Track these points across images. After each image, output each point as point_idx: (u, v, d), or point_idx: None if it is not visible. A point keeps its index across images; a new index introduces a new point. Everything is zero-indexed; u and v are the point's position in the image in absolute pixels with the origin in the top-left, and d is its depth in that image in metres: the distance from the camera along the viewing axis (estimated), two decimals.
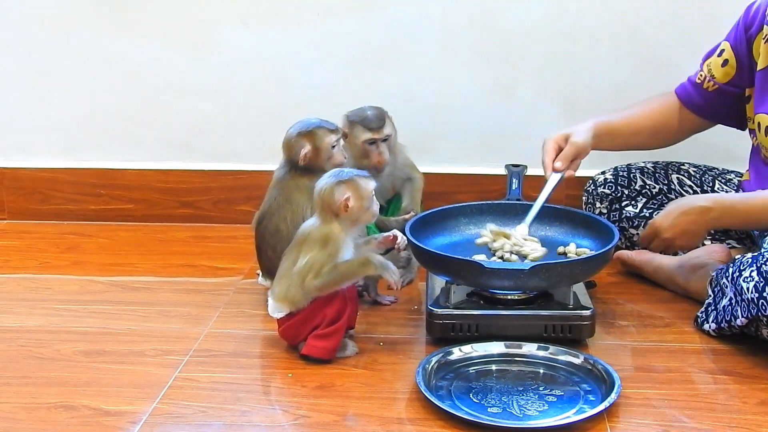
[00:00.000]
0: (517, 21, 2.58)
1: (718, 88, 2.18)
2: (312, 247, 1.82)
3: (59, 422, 1.65)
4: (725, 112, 2.22)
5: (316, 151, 2.05)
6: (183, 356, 1.90)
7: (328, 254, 1.81)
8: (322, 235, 1.82)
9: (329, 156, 2.06)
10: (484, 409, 1.65)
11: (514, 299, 1.94)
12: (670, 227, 2.07)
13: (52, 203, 2.80)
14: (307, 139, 2.05)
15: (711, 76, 2.18)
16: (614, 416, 1.65)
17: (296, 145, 2.05)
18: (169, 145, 2.76)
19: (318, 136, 2.06)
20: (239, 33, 2.66)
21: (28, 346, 1.96)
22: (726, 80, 2.16)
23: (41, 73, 2.74)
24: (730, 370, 1.83)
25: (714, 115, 2.24)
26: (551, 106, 2.62)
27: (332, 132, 2.07)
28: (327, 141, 2.06)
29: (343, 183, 1.81)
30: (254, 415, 1.67)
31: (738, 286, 1.84)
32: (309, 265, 1.81)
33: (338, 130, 2.10)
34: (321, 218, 1.84)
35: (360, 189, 1.82)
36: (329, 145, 2.06)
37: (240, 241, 2.62)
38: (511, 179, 2.27)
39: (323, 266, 1.80)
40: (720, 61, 2.16)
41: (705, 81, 2.20)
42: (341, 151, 2.09)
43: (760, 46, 2.08)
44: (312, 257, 1.81)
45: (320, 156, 2.06)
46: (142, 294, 2.26)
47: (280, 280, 1.86)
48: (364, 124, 2.20)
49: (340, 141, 2.09)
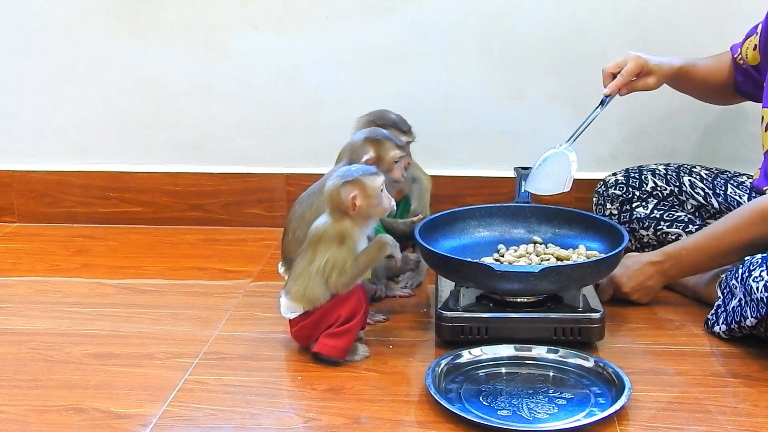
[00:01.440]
0: (526, 23, 2.58)
1: (745, 69, 2.23)
2: (329, 246, 1.82)
3: (69, 425, 1.66)
4: (750, 90, 2.26)
5: (379, 160, 2.01)
6: (193, 359, 1.90)
7: (347, 250, 1.82)
8: (337, 233, 1.82)
9: (389, 169, 2.02)
10: (493, 412, 1.65)
11: (523, 302, 1.94)
12: (628, 282, 2.12)
13: (62, 206, 2.81)
14: (373, 146, 2.02)
15: (745, 55, 2.22)
16: (624, 419, 1.64)
17: (360, 150, 2.02)
18: (178, 148, 2.76)
19: (384, 146, 2.02)
20: (250, 37, 2.66)
21: (38, 348, 1.96)
22: (754, 64, 2.21)
23: (52, 76, 2.74)
24: (740, 373, 1.82)
25: (741, 91, 2.29)
26: (560, 109, 2.62)
27: (399, 148, 2.04)
28: (392, 154, 2.02)
29: (349, 183, 1.82)
30: (264, 418, 1.68)
31: (747, 286, 1.84)
32: (331, 264, 1.81)
33: (406, 148, 2.08)
34: (332, 217, 1.84)
35: (366, 187, 1.82)
36: (393, 159, 2.03)
37: (249, 244, 2.62)
38: (520, 182, 2.27)
39: (345, 263, 1.81)
40: (753, 43, 2.20)
41: (738, 58, 2.25)
42: (401, 169, 2.06)
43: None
44: (332, 255, 1.81)
45: (381, 166, 1.99)
46: (151, 297, 2.26)
47: (297, 279, 1.85)
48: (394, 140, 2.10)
49: (402, 159, 2.05)
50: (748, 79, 2.24)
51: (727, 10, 2.48)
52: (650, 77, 2.16)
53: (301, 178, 2.07)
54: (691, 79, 2.25)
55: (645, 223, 2.30)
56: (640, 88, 2.17)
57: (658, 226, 2.29)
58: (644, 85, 2.16)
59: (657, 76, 2.16)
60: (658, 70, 2.16)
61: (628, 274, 2.12)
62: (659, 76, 2.17)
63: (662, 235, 2.29)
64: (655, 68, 2.15)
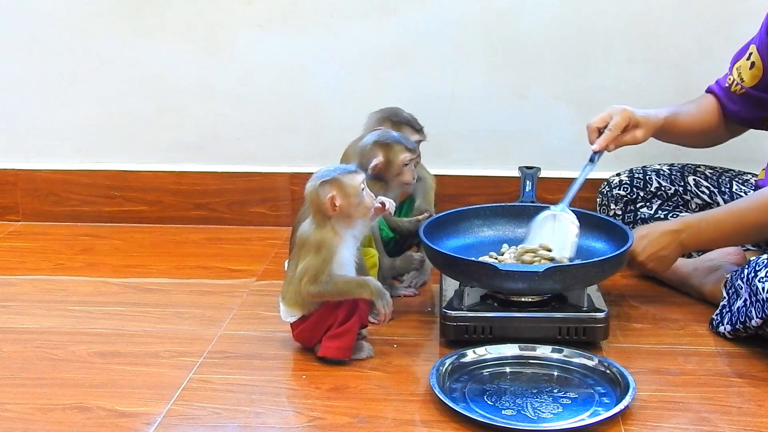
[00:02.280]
0: (531, 23, 2.58)
1: (745, 93, 2.18)
2: (308, 252, 1.81)
3: (74, 423, 1.66)
4: (751, 116, 2.22)
5: (388, 164, 2.01)
6: (197, 358, 1.90)
7: (322, 260, 1.80)
8: (316, 241, 1.81)
9: (399, 172, 2.03)
10: (498, 412, 1.65)
11: (528, 301, 1.94)
12: (642, 252, 2.08)
13: (67, 205, 2.81)
14: (382, 150, 2.01)
15: (740, 79, 2.18)
16: (629, 419, 1.64)
17: (369, 154, 2.01)
18: (183, 148, 2.77)
19: (394, 150, 2.02)
20: (254, 36, 2.66)
21: (43, 347, 1.97)
22: (753, 83, 2.16)
23: (57, 76, 2.75)
24: (745, 372, 1.82)
25: (743, 120, 2.24)
26: (565, 108, 2.62)
27: (409, 150, 2.03)
28: (401, 158, 2.02)
29: (326, 183, 1.80)
30: (268, 417, 1.68)
31: (753, 287, 1.83)
32: (303, 270, 1.80)
33: (416, 150, 2.06)
34: (315, 221, 1.83)
35: (344, 186, 1.80)
36: (402, 162, 2.02)
37: (254, 243, 2.63)
38: (524, 181, 2.27)
39: (318, 272, 1.79)
40: (748, 64, 2.16)
41: (734, 85, 2.20)
42: (412, 171, 2.05)
43: None
44: (307, 262, 1.81)
45: (391, 170, 2.02)
46: (156, 296, 2.27)
47: (289, 284, 1.86)
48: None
49: (413, 161, 2.05)
50: (751, 103, 2.19)
51: (731, 11, 2.48)
52: (638, 130, 2.09)
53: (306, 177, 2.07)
54: (677, 128, 2.19)
55: (649, 223, 2.30)
56: (629, 141, 2.09)
57: None
58: (633, 138, 2.09)
59: (645, 128, 2.09)
60: (645, 123, 2.09)
61: (643, 244, 2.08)
62: (647, 129, 2.10)
63: None
64: (642, 120, 2.09)
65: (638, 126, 2.09)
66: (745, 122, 2.25)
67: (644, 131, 2.09)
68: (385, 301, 1.80)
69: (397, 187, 2.07)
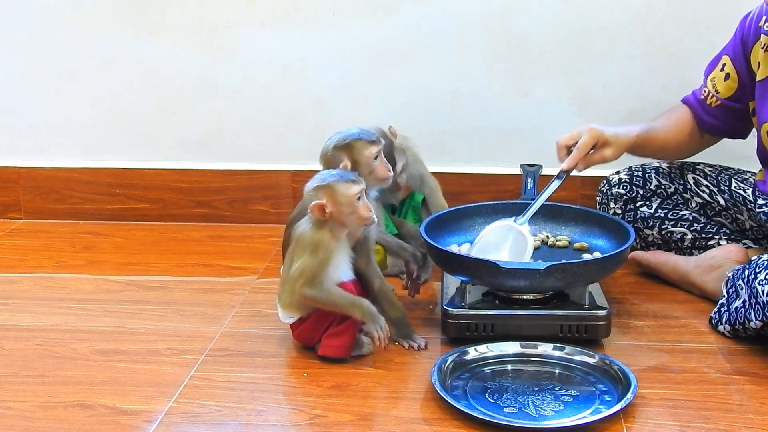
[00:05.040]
0: (532, 20, 2.58)
1: (720, 104, 2.18)
2: (303, 252, 1.81)
3: (76, 421, 1.66)
4: (728, 128, 2.22)
5: (356, 164, 1.88)
6: (199, 355, 1.90)
7: (318, 261, 1.79)
8: (312, 240, 1.80)
9: (371, 170, 1.90)
10: (499, 409, 1.65)
11: (529, 299, 1.94)
12: None
13: (69, 203, 2.81)
14: (345, 152, 1.89)
15: (715, 91, 2.17)
16: (630, 417, 1.64)
17: (333, 160, 1.90)
18: (185, 145, 2.77)
19: (356, 148, 1.89)
20: (256, 34, 2.66)
21: (44, 345, 1.97)
22: (729, 95, 2.16)
23: (59, 74, 2.75)
24: (746, 370, 1.82)
25: (718, 131, 2.24)
26: (567, 106, 2.61)
27: (372, 143, 1.90)
28: (366, 154, 1.89)
29: (320, 188, 1.79)
30: (270, 415, 1.68)
31: (753, 289, 1.83)
32: (300, 270, 1.80)
33: (379, 140, 1.93)
34: (312, 221, 1.82)
35: (337, 194, 1.78)
36: (370, 158, 1.90)
37: (255, 241, 2.63)
38: (526, 179, 2.26)
39: (314, 274, 1.78)
40: (722, 75, 2.16)
41: (709, 97, 2.20)
42: (384, 164, 1.93)
43: (758, 56, 2.08)
44: (302, 262, 1.80)
45: (361, 169, 1.88)
46: (157, 293, 2.27)
47: (284, 286, 1.86)
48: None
49: (381, 152, 1.92)
50: (727, 114, 2.19)
51: (732, 7, 2.47)
52: (606, 149, 2.07)
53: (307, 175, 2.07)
54: (650, 144, 2.18)
55: (649, 222, 2.30)
56: (597, 160, 2.08)
57: (663, 225, 2.29)
58: (601, 157, 2.07)
59: (614, 147, 2.07)
60: (615, 141, 2.07)
61: None
62: (616, 147, 2.08)
63: (667, 234, 2.28)
64: (611, 139, 2.07)
65: (607, 144, 2.07)
66: (722, 133, 2.26)
67: (613, 150, 2.08)
68: (378, 325, 1.79)
69: (374, 185, 1.96)
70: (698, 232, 2.26)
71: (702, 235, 2.26)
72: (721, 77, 2.16)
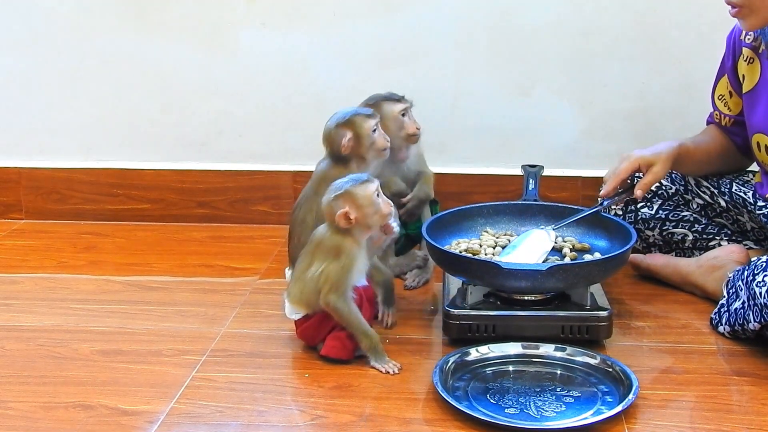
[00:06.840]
0: (534, 21, 2.58)
1: (735, 122, 2.19)
2: (326, 257, 1.82)
3: (77, 421, 1.66)
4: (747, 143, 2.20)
5: (358, 138, 2.05)
6: (200, 356, 1.90)
7: (341, 266, 1.80)
8: (334, 245, 1.81)
9: (371, 142, 2.06)
10: (501, 410, 1.65)
11: (531, 300, 1.94)
12: None
13: (70, 203, 2.81)
14: (347, 127, 2.05)
15: (728, 109, 2.19)
16: (632, 417, 1.64)
17: (337, 136, 2.05)
18: (186, 146, 2.76)
19: (357, 123, 2.05)
20: (257, 34, 2.66)
21: (45, 345, 1.97)
22: (739, 111, 2.17)
23: (60, 74, 2.75)
24: (747, 371, 1.82)
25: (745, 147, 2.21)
26: (568, 106, 2.61)
27: (370, 117, 2.07)
28: (366, 126, 2.05)
29: (340, 197, 1.81)
30: (271, 415, 1.68)
31: (751, 290, 1.83)
32: (325, 276, 1.81)
33: (375, 115, 2.09)
34: (331, 229, 1.83)
35: (357, 198, 1.81)
36: (369, 131, 2.05)
37: (257, 241, 2.63)
38: (527, 179, 2.27)
39: (339, 280, 1.80)
40: (728, 93, 2.18)
41: (722, 119, 2.21)
42: (382, 135, 2.09)
43: (743, 69, 2.10)
44: (326, 268, 1.81)
45: (362, 143, 2.05)
46: (159, 294, 2.27)
47: (296, 282, 1.86)
48: (390, 98, 2.20)
49: (378, 126, 2.08)
50: (744, 130, 2.17)
51: None
52: (653, 167, 2.07)
53: (308, 175, 2.08)
54: (694, 154, 2.17)
55: (650, 223, 2.29)
56: (651, 181, 2.07)
57: (664, 226, 2.28)
58: (653, 176, 2.07)
59: (659, 163, 2.07)
60: (658, 158, 2.07)
61: None
62: (661, 163, 2.07)
63: (668, 235, 2.28)
64: (653, 158, 2.07)
65: (652, 164, 2.07)
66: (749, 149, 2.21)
67: (660, 165, 2.07)
68: (381, 363, 1.81)
69: (375, 158, 2.08)
70: (699, 233, 2.26)
71: (703, 236, 2.26)
72: (727, 95, 2.18)
